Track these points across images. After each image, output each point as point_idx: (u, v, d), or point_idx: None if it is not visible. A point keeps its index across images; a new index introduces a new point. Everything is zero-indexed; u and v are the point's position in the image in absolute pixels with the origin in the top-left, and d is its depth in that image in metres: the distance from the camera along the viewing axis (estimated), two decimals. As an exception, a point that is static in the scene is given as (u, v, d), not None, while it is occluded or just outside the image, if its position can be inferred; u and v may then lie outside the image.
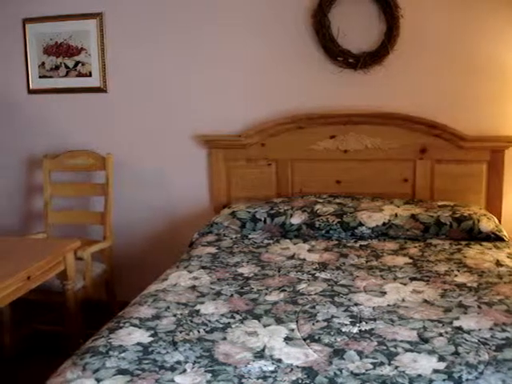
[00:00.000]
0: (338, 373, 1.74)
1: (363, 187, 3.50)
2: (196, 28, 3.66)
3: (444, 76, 3.41)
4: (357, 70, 3.44)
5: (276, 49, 3.57)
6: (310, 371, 1.75)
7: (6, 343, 3.43)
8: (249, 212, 3.27)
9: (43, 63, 3.97)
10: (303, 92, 3.57)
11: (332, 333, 2.00)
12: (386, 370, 1.74)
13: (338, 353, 1.86)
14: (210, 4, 3.62)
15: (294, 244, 3.05)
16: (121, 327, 2.10)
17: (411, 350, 1.86)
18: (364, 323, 2.07)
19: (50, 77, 3.98)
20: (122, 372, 1.78)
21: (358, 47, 3.41)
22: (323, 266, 2.69)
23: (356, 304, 2.24)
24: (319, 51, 3.49)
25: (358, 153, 3.50)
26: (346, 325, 2.07)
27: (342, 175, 3.55)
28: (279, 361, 1.83)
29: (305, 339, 1.97)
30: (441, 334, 1.96)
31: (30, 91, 4.04)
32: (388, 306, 2.22)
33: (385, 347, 1.89)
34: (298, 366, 1.79)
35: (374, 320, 2.09)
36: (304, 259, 2.81)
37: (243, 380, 1.72)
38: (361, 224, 3.07)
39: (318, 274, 2.59)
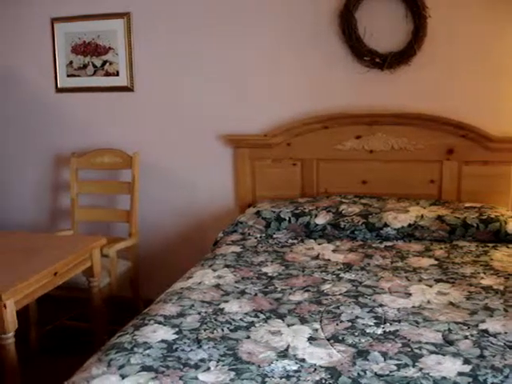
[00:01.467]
0: (362, 374, 1.73)
1: (389, 188, 3.48)
2: (222, 28, 3.67)
3: (471, 76, 3.37)
4: (383, 70, 3.42)
5: (302, 48, 3.56)
6: (333, 371, 1.75)
7: (32, 338, 3.47)
8: (273, 211, 3.27)
9: (71, 62, 4.01)
10: (329, 92, 3.56)
11: (356, 333, 2.00)
12: (410, 372, 1.73)
13: (362, 354, 1.86)
14: (235, 4, 3.62)
15: (319, 244, 3.04)
16: (146, 324, 2.12)
17: (436, 352, 1.85)
18: (388, 324, 2.07)
19: (78, 76, 4.02)
20: (146, 369, 1.80)
21: (385, 47, 3.39)
22: (348, 267, 2.68)
23: (380, 305, 2.23)
24: (346, 51, 3.48)
25: (383, 153, 3.48)
26: (370, 326, 2.06)
27: (367, 176, 3.53)
28: (303, 360, 1.83)
29: (328, 339, 1.97)
30: (466, 337, 1.94)
31: (58, 90, 4.08)
32: (413, 307, 2.21)
33: (409, 349, 1.88)
34: (321, 366, 1.79)
35: (399, 321, 2.08)
36: (328, 259, 2.81)
37: (266, 379, 1.72)
38: (386, 225, 3.05)
39: (342, 275, 2.58)
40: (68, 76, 4.04)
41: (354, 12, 3.38)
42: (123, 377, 1.76)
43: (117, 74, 3.93)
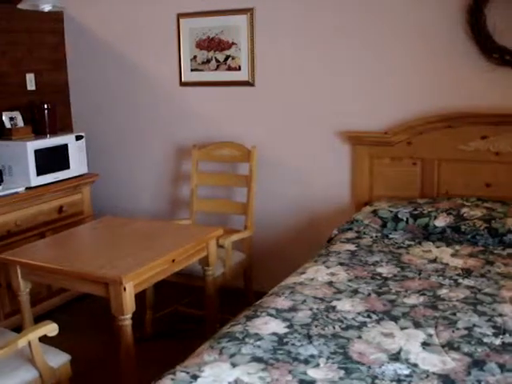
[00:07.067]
0: (477, 384, 1.67)
1: (515, 192, 3.31)
2: (344, 25, 3.62)
3: None
4: (513, 68, 3.25)
5: (427, 44, 3.45)
6: (446, 379, 1.70)
7: (147, 322, 3.62)
8: (391, 211, 3.20)
9: (195, 57, 4.13)
10: (453, 89, 3.42)
11: (472, 342, 1.92)
12: (530, 387, 1.65)
13: (478, 364, 1.79)
14: (358, 2, 3.57)
15: (437, 247, 2.94)
16: (258, 316, 2.15)
17: (559, 369, 1.74)
18: (508, 335, 1.97)
19: (202, 70, 4.13)
20: (256, 359, 1.82)
21: (516, 44, 3.23)
22: (467, 273, 2.58)
23: (500, 315, 2.13)
24: (472, 48, 3.33)
25: (511, 155, 3.30)
26: (487, 335, 1.98)
27: (492, 178, 3.36)
28: (415, 365, 1.79)
29: (443, 346, 1.91)
30: None
31: (182, 84, 4.22)
32: (536, 319, 2.09)
33: (530, 363, 1.78)
34: (434, 373, 1.74)
35: (520, 333, 1.99)
36: (447, 264, 2.71)
37: (376, 381, 1.70)
38: (510, 231, 2.90)
39: (460, 280, 2.49)
40: (192, 70, 4.16)
41: (483, 8, 3.24)
42: (234, 365, 1.79)
43: (239, 69, 3.99)
